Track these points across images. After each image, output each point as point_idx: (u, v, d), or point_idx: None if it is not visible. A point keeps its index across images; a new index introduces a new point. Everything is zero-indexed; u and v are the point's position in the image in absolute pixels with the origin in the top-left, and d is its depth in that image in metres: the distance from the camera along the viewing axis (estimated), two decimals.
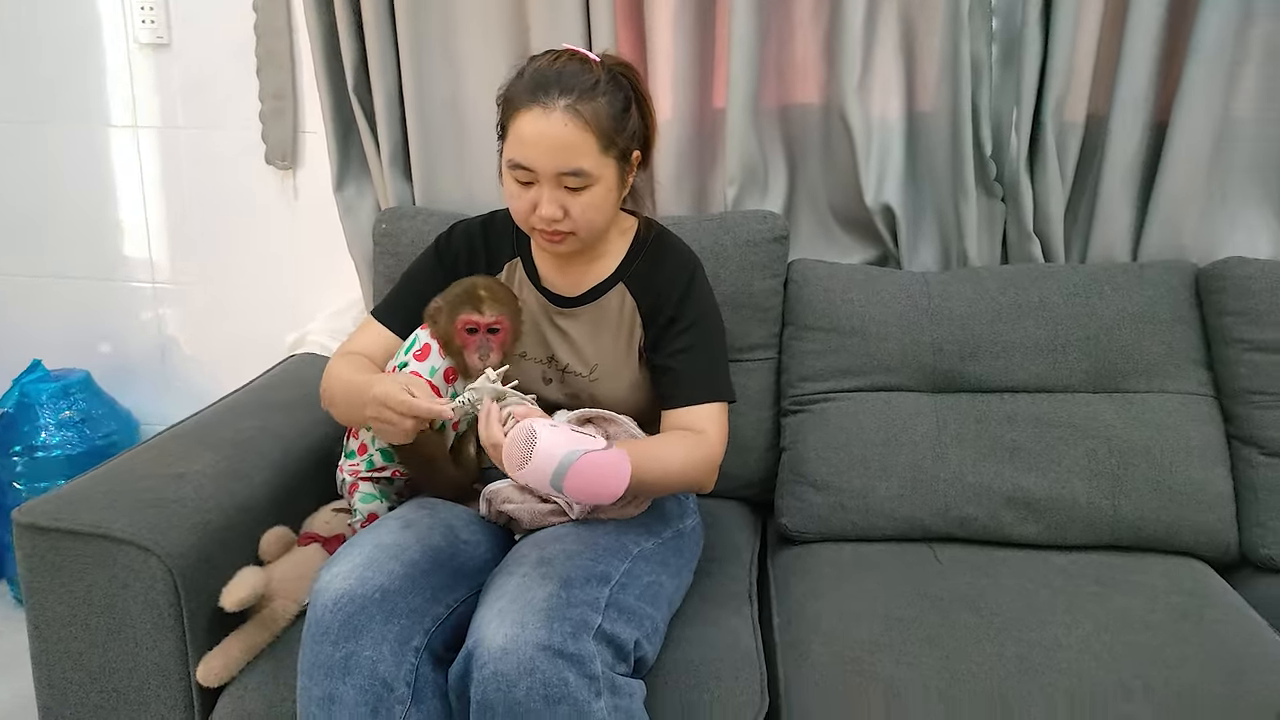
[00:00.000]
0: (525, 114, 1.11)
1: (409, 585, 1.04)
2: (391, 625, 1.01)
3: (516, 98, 1.13)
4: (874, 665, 1.14)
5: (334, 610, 1.00)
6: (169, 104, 1.88)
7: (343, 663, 0.99)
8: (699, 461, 1.19)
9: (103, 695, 1.13)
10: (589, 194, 1.14)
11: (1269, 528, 1.42)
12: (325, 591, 1.01)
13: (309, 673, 1.00)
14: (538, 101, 1.11)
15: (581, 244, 1.21)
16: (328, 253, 1.90)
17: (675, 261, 1.28)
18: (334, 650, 0.99)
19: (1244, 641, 1.20)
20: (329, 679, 0.99)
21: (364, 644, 0.99)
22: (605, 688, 0.97)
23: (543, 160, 1.12)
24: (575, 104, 1.10)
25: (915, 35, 1.64)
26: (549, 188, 1.13)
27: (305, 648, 1.02)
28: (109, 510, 1.10)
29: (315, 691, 0.99)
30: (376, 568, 1.03)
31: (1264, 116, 1.63)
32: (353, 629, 0.99)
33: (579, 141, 1.10)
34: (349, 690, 0.98)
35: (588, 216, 1.16)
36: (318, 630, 1.00)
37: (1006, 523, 1.45)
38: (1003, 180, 1.66)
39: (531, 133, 1.11)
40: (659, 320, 1.25)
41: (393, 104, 1.70)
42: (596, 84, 1.12)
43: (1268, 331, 1.47)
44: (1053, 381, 1.52)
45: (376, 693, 0.98)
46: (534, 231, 1.19)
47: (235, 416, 1.41)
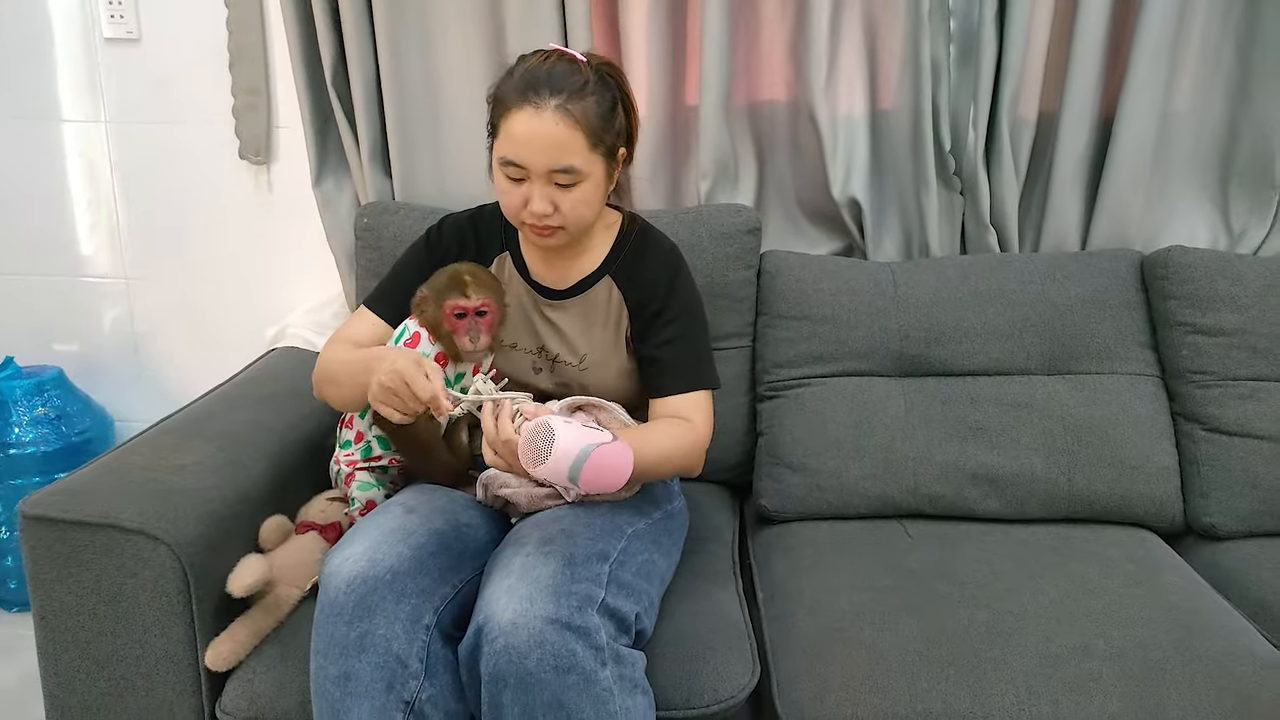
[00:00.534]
0: (517, 113, 1.15)
1: (417, 567, 1.08)
2: (403, 605, 1.05)
3: (507, 97, 1.17)
4: (856, 633, 1.21)
5: (347, 591, 1.03)
6: (139, 100, 1.87)
7: (358, 641, 1.02)
8: (688, 448, 1.24)
9: (110, 683, 1.15)
10: (578, 190, 1.19)
11: (1211, 498, 1.53)
12: (338, 574, 1.05)
13: (324, 652, 1.04)
14: (529, 101, 1.14)
15: (570, 238, 1.25)
16: (302, 247, 1.92)
17: (660, 255, 1.33)
18: (349, 629, 1.02)
19: (1191, 603, 1.30)
20: (344, 657, 1.02)
21: (378, 623, 1.03)
22: (610, 658, 1.03)
23: (534, 158, 1.15)
24: (565, 103, 1.14)
25: (878, 36, 1.72)
26: (540, 184, 1.17)
27: (319, 628, 1.05)
28: (116, 501, 1.12)
29: (331, 670, 1.03)
30: (386, 550, 1.07)
31: (1200, 113, 1.74)
32: (366, 609, 1.03)
33: (569, 140, 1.15)
34: (365, 667, 1.02)
35: (577, 211, 1.20)
36: (332, 611, 1.04)
37: (971, 498, 1.54)
38: (961, 174, 1.74)
39: (523, 131, 1.15)
40: (645, 313, 1.30)
41: (371, 98, 1.72)
42: (585, 84, 1.16)
43: (1207, 316, 1.57)
44: (1011, 364, 1.60)
45: (391, 669, 1.02)
46: (524, 226, 1.23)
47: (226, 409, 1.43)
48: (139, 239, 1.96)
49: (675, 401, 1.27)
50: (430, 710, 1.04)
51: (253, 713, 1.14)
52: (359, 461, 1.34)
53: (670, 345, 1.29)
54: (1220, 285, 1.57)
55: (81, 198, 1.94)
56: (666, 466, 1.23)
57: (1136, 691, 1.12)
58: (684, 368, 1.29)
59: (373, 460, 1.34)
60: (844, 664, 1.16)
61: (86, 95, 1.88)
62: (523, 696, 0.99)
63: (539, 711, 0.99)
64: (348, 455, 1.35)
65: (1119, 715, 1.10)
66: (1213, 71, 1.72)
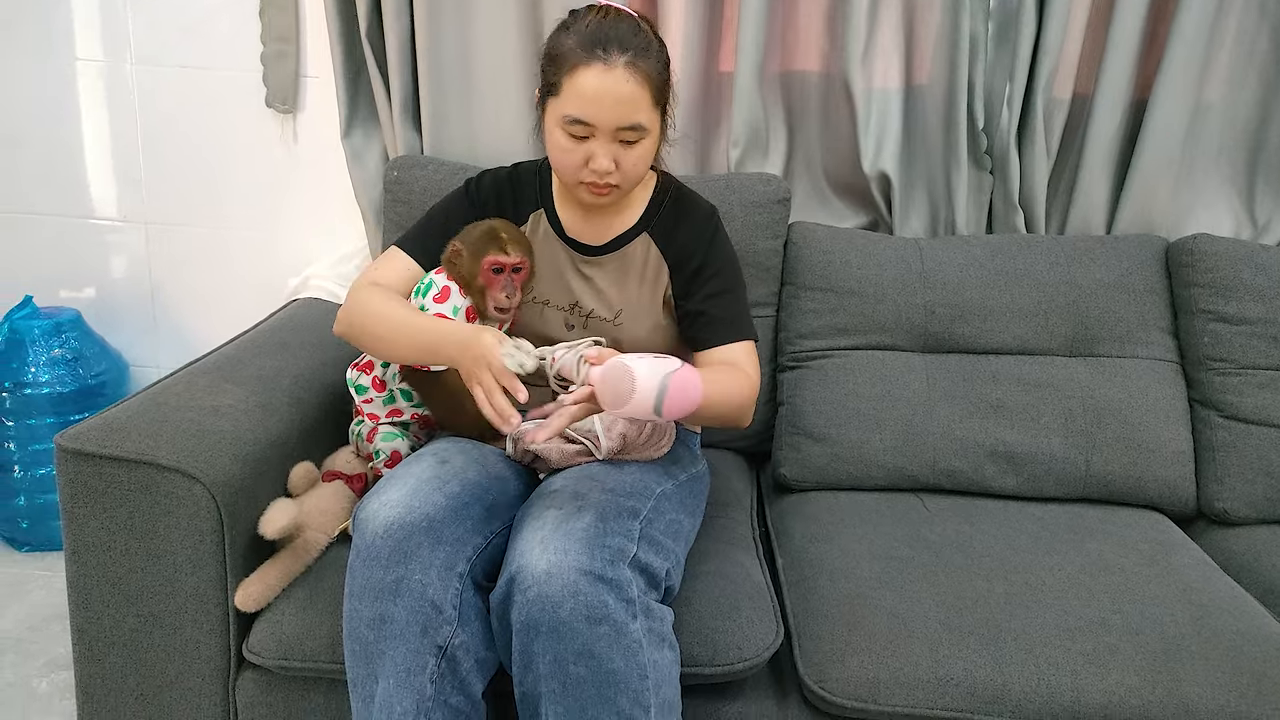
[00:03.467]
0: (585, 70, 1.14)
1: (452, 515, 1.08)
2: (438, 552, 1.05)
3: (571, 53, 1.15)
4: (877, 599, 1.23)
5: (384, 536, 1.04)
6: (166, 43, 1.85)
7: (393, 585, 1.03)
8: (746, 392, 1.23)
9: (138, 619, 1.16)
10: (640, 147, 1.19)
11: (1225, 484, 1.54)
12: (374, 519, 1.05)
13: (359, 595, 1.04)
14: (598, 58, 1.14)
15: (622, 195, 1.25)
16: (325, 198, 1.91)
17: (697, 213, 1.34)
18: (384, 574, 1.03)
19: (1205, 584, 1.31)
20: (379, 600, 1.03)
21: (413, 568, 1.04)
22: (640, 611, 1.04)
23: (604, 115, 1.15)
24: (634, 60, 1.14)
25: (916, 9, 1.71)
26: (604, 141, 1.17)
27: (354, 571, 1.06)
28: (153, 439, 1.12)
29: (365, 612, 1.04)
30: (422, 498, 1.07)
31: (1232, 103, 1.74)
32: (403, 554, 1.04)
33: (638, 97, 1.15)
34: (400, 611, 1.03)
35: (637, 169, 1.21)
36: (368, 555, 1.04)
37: (989, 475, 1.55)
38: (992, 152, 1.74)
39: (594, 87, 1.14)
40: (687, 269, 1.31)
41: (405, 51, 1.71)
42: (650, 43, 1.17)
43: (1230, 304, 1.59)
44: (1034, 344, 1.61)
45: (426, 614, 1.03)
46: (580, 185, 1.23)
47: (255, 355, 1.43)
48: (160, 184, 1.95)
49: (724, 351, 1.27)
50: (462, 656, 1.05)
51: (280, 653, 1.15)
52: (380, 417, 1.34)
53: (715, 299, 1.29)
54: (1245, 274, 1.58)
55: (104, 140, 1.92)
56: (725, 407, 1.20)
57: (1153, 666, 1.14)
58: (730, 320, 1.29)
59: (394, 413, 1.34)
60: (865, 628, 1.18)
61: (113, 36, 1.86)
62: (554, 645, 1.00)
63: (570, 660, 1.00)
64: (367, 403, 1.34)
65: (1136, 688, 1.11)
66: (1246, 63, 1.72)
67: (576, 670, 1.00)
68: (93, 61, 1.88)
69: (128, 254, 2.00)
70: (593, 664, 1.00)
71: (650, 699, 1.03)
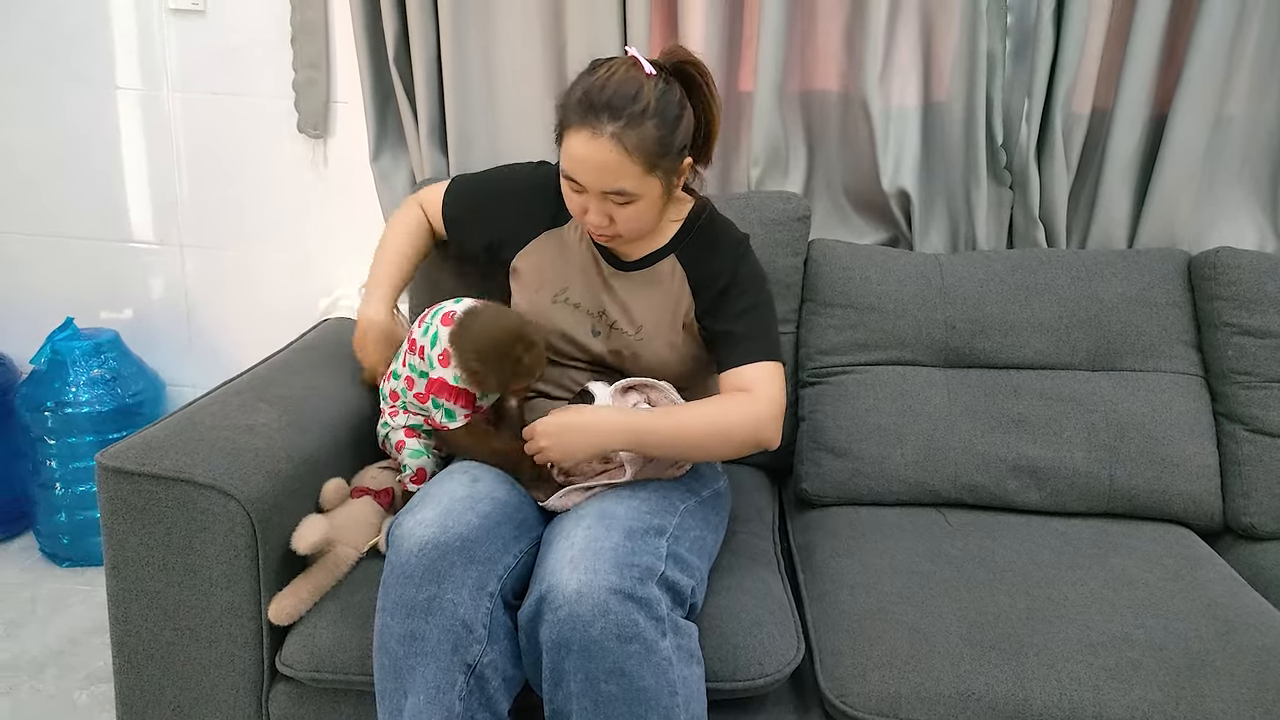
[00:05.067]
0: (575, 134, 1.17)
1: (484, 535, 1.11)
2: (470, 571, 1.08)
3: (569, 114, 1.18)
4: (899, 614, 1.23)
5: (419, 555, 1.06)
6: (202, 71, 1.91)
7: (426, 604, 1.05)
8: (740, 417, 1.23)
9: (175, 632, 1.19)
10: (633, 208, 1.21)
11: (1251, 498, 1.54)
12: (409, 538, 1.08)
13: (391, 611, 1.07)
14: (587, 124, 1.15)
15: (633, 240, 1.29)
16: (355, 221, 1.95)
17: (726, 237, 1.35)
18: (418, 592, 1.06)
19: (1231, 599, 1.31)
20: (412, 618, 1.06)
21: (446, 587, 1.06)
22: (669, 629, 1.06)
23: (589, 179, 1.18)
24: (622, 130, 1.14)
25: (934, 28, 1.73)
26: (595, 199, 1.21)
27: (387, 588, 1.08)
28: (190, 457, 1.15)
29: (397, 629, 1.06)
30: (455, 517, 1.10)
31: (1253, 115, 1.74)
32: (436, 573, 1.06)
33: (622, 166, 1.16)
34: (432, 629, 1.05)
35: (631, 225, 1.23)
36: (402, 573, 1.07)
37: (1011, 490, 1.55)
38: (1012, 168, 1.75)
39: (580, 153, 1.17)
40: (711, 291, 1.32)
41: (432, 76, 1.75)
42: (645, 109, 1.15)
43: (1254, 317, 1.58)
44: (1056, 359, 1.62)
45: (457, 632, 1.06)
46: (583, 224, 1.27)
47: (286, 375, 1.46)
48: (196, 208, 2.00)
49: (739, 373, 1.27)
50: (490, 674, 1.08)
51: (312, 666, 1.17)
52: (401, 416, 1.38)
53: (741, 318, 1.30)
54: (1269, 287, 1.58)
55: (141, 166, 1.99)
56: (712, 439, 1.23)
57: (1177, 681, 1.13)
58: (753, 340, 1.29)
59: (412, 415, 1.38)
60: (887, 643, 1.18)
61: (150, 65, 1.92)
62: (585, 663, 1.02)
63: (601, 678, 1.02)
64: (393, 412, 1.39)
65: (1160, 704, 1.11)
66: (1268, 74, 1.72)
67: (608, 688, 1.02)
68: (132, 90, 1.94)
69: (165, 276, 2.05)
70: (624, 682, 1.02)
71: (680, 715, 1.05)
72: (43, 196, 2.02)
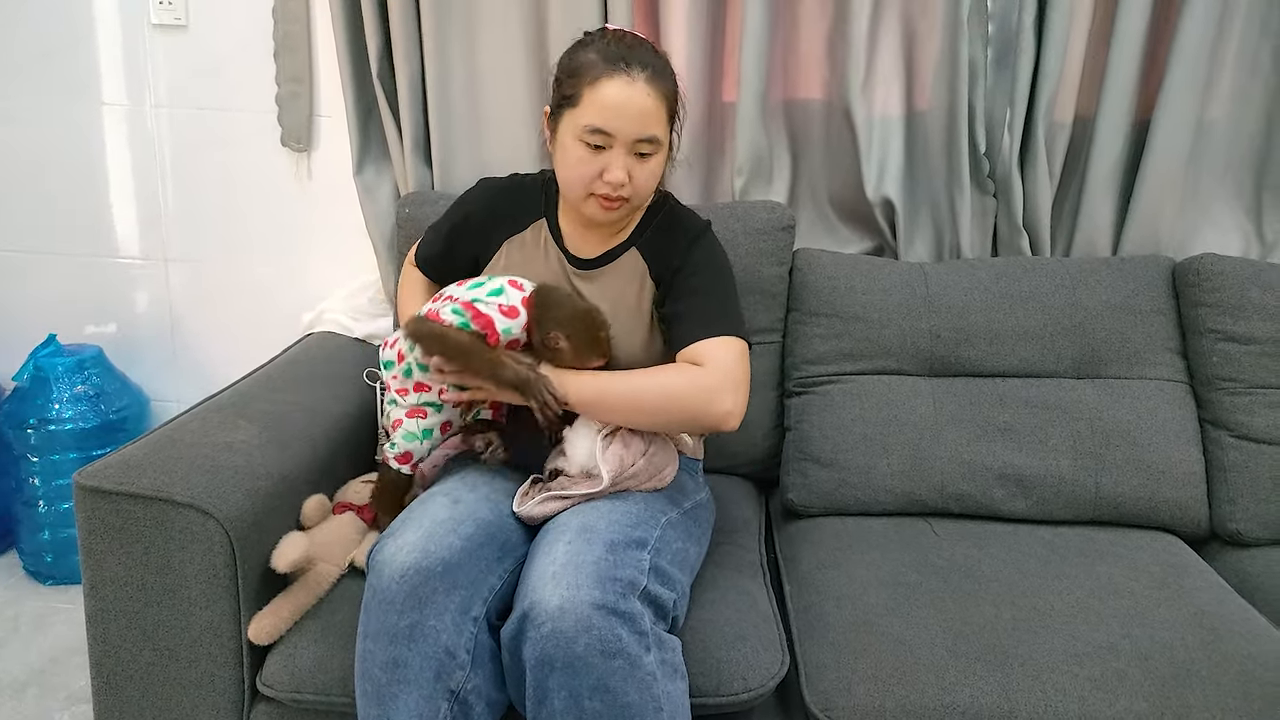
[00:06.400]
0: (609, 81, 1.19)
1: (467, 558, 1.09)
2: (453, 596, 1.07)
3: (593, 67, 1.20)
4: (884, 626, 1.23)
5: (400, 582, 1.05)
6: (185, 85, 1.91)
7: (408, 631, 1.04)
8: (686, 386, 1.21)
9: (155, 653, 1.18)
10: (653, 161, 1.24)
11: (1237, 505, 1.53)
12: (390, 564, 1.06)
13: (374, 637, 1.05)
14: (620, 71, 1.19)
15: (630, 210, 1.29)
16: (339, 234, 1.95)
17: (685, 225, 1.36)
18: (399, 619, 1.04)
19: (1217, 607, 1.30)
20: (394, 645, 1.04)
21: (428, 614, 1.05)
22: (653, 643, 1.05)
23: (625, 125, 1.19)
24: (654, 76, 1.20)
25: (916, 36, 1.73)
26: (620, 153, 1.21)
27: (369, 613, 1.07)
28: (168, 475, 1.15)
29: (379, 655, 1.05)
30: (437, 541, 1.08)
31: (1236, 121, 1.74)
32: (418, 600, 1.05)
33: (656, 111, 1.21)
34: (415, 656, 1.04)
35: (648, 184, 1.25)
36: (384, 599, 1.05)
37: (997, 499, 1.55)
38: (995, 177, 1.75)
39: (618, 98, 1.18)
40: (667, 274, 1.32)
41: (416, 89, 1.75)
42: (666, 63, 1.24)
43: (1238, 324, 1.58)
44: (1041, 367, 1.62)
45: (440, 659, 1.04)
46: (589, 200, 1.25)
47: (268, 390, 1.46)
48: (179, 222, 2.00)
49: (692, 351, 1.24)
50: (474, 700, 1.07)
51: (293, 686, 1.16)
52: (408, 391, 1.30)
53: (691, 298, 1.29)
54: (1253, 293, 1.58)
55: (125, 181, 1.98)
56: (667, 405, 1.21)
57: (1162, 691, 1.13)
58: (703, 317, 1.27)
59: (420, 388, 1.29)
60: (872, 656, 1.18)
61: (134, 80, 1.92)
62: (569, 680, 1.01)
63: (585, 695, 1.01)
64: (393, 379, 1.31)
65: (1145, 714, 1.11)
66: (1250, 79, 1.72)
67: (592, 705, 1.01)
68: (116, 105, 1.93)
69: (149, 291, 2.05)
70: (608, 698, 1.01)
71: None
72: (26, 211, 2.01)
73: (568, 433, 1.27)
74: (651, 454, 1.25)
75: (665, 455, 1.29)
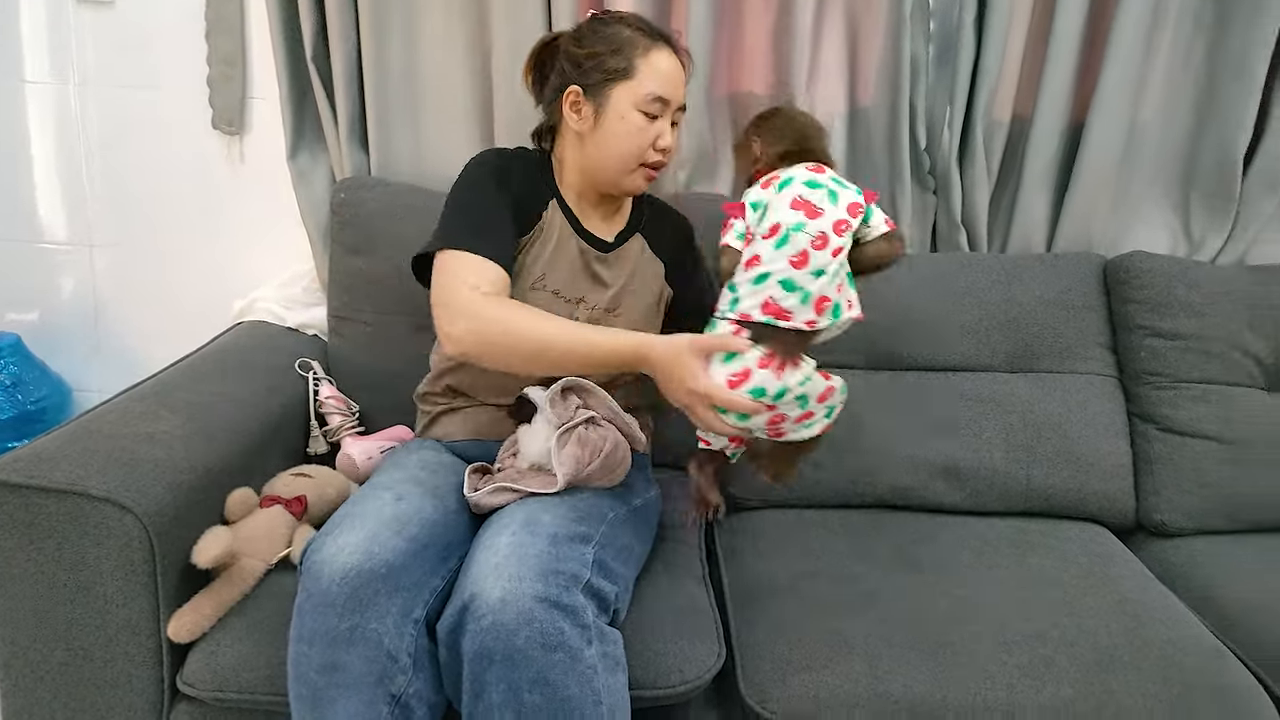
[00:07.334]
0: (659, 52, 1.27)
1: (411, 560, 1.06)
2: (395, 599, 1.03)
3: (639, 37, 1.27)
4: (820, 617, 1.23)
5: (341, 583, 1.01)
6: (111, 63, 1.83)
7: (348, 634, 1.00)
8: None
9: (68, 653, 1.13)
10: (678, 129, 1.33)
11: (1163, 496, 1.57)
12: (331, 563, 1.02)
13: (309, 640, 1.01)
14: (663, 42, 1.28)
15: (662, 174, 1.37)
16: (273, 220, 1.89)
17: (675, 215, 1.49)
18: (339, 621, 1.01)
19: (1141, 596, 1.34)
20: (332, 648, 1.00)
21: (369, 617, 1.01)
22: (595, 637, 1.03)
23: (676, 92, 1.28)
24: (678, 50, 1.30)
25: (859, 32, 1.74)
26: (669, 120, 1.28)
27: (304, 615, 1.02)
28: (84, 468, 1.10)
29: (316, 658, 1.01)
30: (381, 543, 1.05)
31: (1166, 123, 1.78)
32: (359, 602, 1.01)
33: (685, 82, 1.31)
34: (354, 660, 1.00)
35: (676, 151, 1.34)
36: (322, 600, 1.01)
37: (935, 491, 1.57)
38: (935, 173, 1.77)
39: (669, 67, 1.27)
40: (684, 262, 1.45)
41: (351, 73, 1.71)
42: None
43: (1166, 320, 1.62)
44: (977, 361, 1.64)
45: (382, 663, 1.01)
46: (637, 170, 1.30)
47: (193, 380, 1.41)
48: (104, 206, 1.92)
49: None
50: (415, 704, 1.04)
51: (216, 685, 1.13)
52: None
53: (707, 292, 1.37)
54: (1178, 291, 1.62)
55: (48, 162, 1.90)
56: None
57: (1087, 678, 1.15)
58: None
59: None
60: (807, 647, 1.18)
61: (58, 57, 1.84)
62: (509, 673, 0.99)
63: (524, 688, 0.99)
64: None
65: (1071, 700, 1.13)
66: (1180, 84, 1.76)
67: (531, 699, 0.99)
68: (39, 84, 1.85)
69: (73, 277, 1.97)
70: (548, 691, 0.99)
71: None
72: None
73: (523, 427, 1.26)
74: (607, 454, 1.23)
75: (620, 454, 1.27)
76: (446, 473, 1.26)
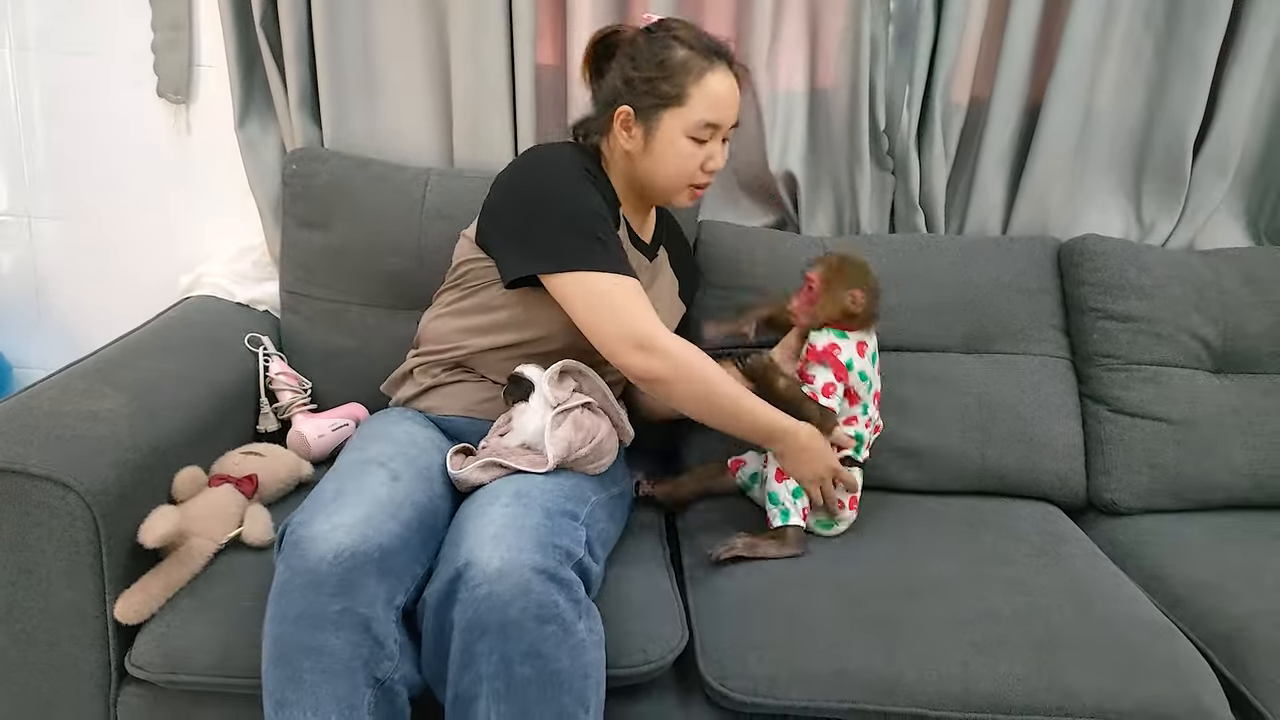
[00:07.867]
0: (714, 74, 1.23)
1: (402, 545, 1.05)
2: (384, 584, 1.02)
3: (693, 61, 1.23)
4: (778, 597, 1.24)
5: (333, 563, 0.98)
6: (51, 27, 1.76)
7: (336, 616, 0.98)
8: None
9: (9, 636, 1.10)
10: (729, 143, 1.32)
11: (1112, 475, 1.61)
12: (325, 540, 0.99)
13: (294, 620, 0.98)
14: (720, 62, 1.24)
15: None
16: (221, 193, 1.84)
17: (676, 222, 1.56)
18: (329, 602, 0.98)
19: (1091, 574, 1.37)
20: (318, 630, 0.98)
21: (359, 600, 0.99)
22: (585, 612, 1.04)
23: (729, 115, 1.26)
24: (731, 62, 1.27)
25: (819, 13, 1.73)
26: (719, 141, 1.27)
27: (289, 592, 0.99)
28: (24, 446, 1.06)
29: (302, 639, 0.98)
30: (376, 526, 1.02)
31: (1120, 109, 1.81)
32: (349, 584, 0.99)
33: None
34: (340, 643, 0.98)
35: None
36: (311, 578, 0.98)
37: (890, 470, 1.58)
38: (894, 154, 1.78)
39: (725, 90, 1.24)
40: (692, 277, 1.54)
41: (302, 42, 1.66)
42: None
43: (1118, 302, 1.65)
44: (933, 342, 1.65)
45: (370, 647, 1.00)
46: (684, 190, 1.31)
47: (138, 357, 1.37)
48: (45, 176, 1.85)
49: None
50: (399, 688, 1.03)
51: (167, 667, 1.10)
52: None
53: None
54: (1130, 274, 1.65)
55: None
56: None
57: (1039, 655, 1.17)
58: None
59: None
60: (765, 627, 1.19)
61: None
62: (501, 644, 0.98)
63: (516, 660, 0.98)
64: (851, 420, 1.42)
65: (1023, 677, 1.15)
66: (1133, 70, 1.79)
67: (523, 670, 0.99)
68: None
69: (12, 250, 1.89)
70: (539, 664, 0.99)
71: (590, 699, 1.03)
72: None
73: (519, 406, 1.25)
74: (598, 441, 1.24)
75: (609, 444, 1.28)
76: (433, 450, 1.25)
